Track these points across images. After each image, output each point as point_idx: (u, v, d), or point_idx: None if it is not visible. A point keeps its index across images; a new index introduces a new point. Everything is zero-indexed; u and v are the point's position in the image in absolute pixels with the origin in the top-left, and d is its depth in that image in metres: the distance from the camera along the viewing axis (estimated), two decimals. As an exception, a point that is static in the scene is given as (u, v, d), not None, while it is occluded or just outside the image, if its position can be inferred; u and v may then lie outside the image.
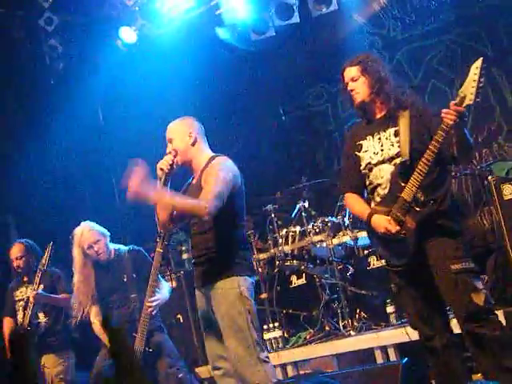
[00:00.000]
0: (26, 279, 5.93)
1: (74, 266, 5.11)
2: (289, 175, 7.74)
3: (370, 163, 3.73)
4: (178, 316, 6.33)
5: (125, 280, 5.10)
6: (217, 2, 7.25)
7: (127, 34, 7.43)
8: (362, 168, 3.77)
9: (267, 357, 3.89)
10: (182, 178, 4.20)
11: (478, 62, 3.26)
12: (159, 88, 7.56)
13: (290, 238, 6.33)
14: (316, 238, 6.14)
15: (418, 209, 3.47)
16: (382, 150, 3.69)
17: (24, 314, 5.66)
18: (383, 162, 3.68)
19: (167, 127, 4.11)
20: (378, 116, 3.75)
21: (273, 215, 6.49)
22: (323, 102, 8.14)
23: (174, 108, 7.56)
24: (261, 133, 8.39)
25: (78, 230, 5.13)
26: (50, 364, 5.77)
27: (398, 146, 3.60)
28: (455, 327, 3.74)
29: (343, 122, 8.00)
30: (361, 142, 3.80)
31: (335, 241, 6.05)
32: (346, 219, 6.10)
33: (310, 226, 6.22)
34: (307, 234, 6.19)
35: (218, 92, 8.00)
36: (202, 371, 5.99)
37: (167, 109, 7.33)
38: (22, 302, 5.84)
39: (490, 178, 5.13)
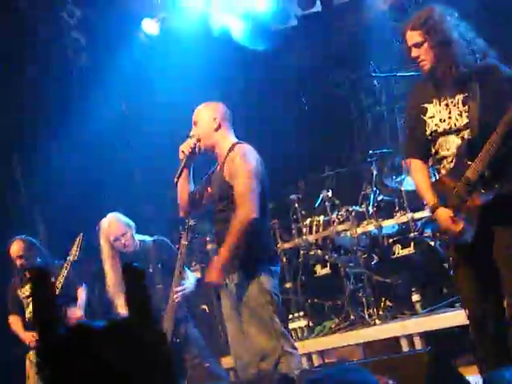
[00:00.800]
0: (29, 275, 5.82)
1: (103, 256, 5.11)
2: (312, 164, 7.73)
3: (436, 131, 3.48)
4: (204, 307, 6.37)
5: (150, 271, 5.12)
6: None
7: (150, 26, 7.46)
8: (427, 134, 3.52)
9: (294, 347, 3.89)
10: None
11: None
12: (182, 80, 7.58)
13: (313, 227, 6.33)
14: (340, 227, 6.14)
15: (482, 190, 3.29)
16: (449, 119, 3.43)
17: None
18: (450, 132, 3.43)
19: (196, 108, 4.12)
20: (447, 79, 3.44)
21: (296, 205, 6.50)
22: (346, 90, 8.11)
23: (197, 99, 7.58)
24: (282, 122, 8.37)
25: (104, 222, 5.12)
26: None
27: (467, 117, 3.36)
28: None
29: (366, 111, 7.98)
30: (426, 105, 3.52)
31: (359, 230, 6.03)
32: (369, 208, 6.08)
33: (334, 216, 6.21)
34: (331, 224, 6.18)
35: (240, 83, 8.01)
36: (227, 361, 6.03)
37: (190, 100, 7.34)
38: (31, 298, 5.77)
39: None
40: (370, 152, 6.39)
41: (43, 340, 0.97)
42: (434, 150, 3.55)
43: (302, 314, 6.00)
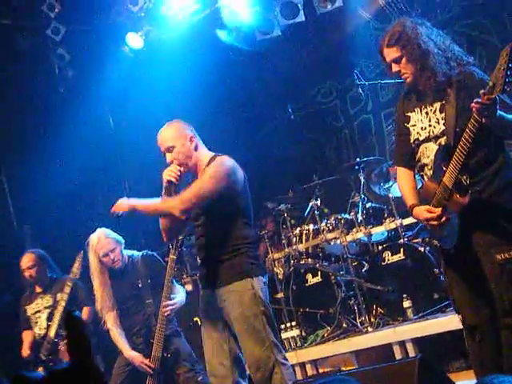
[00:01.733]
0: (39, 290, 5.82)
1: (92, 272, 5.09)
2: (300, 174, 7.75)
3: (417, 139, 3.55)
4: (195, 319, 6.35)
5: (140, 286, 5.10)
6: (221, 4, 7.27)
7: (134, 40, 7.48)
8: (411, 142, 3.59)
9: (285, 358, 3.86)
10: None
11: (507, 49, 3.01)
12: (167, 92, 7.60)
13: (303, 236, 6.36)
14: (330, 236, 6.15)
15: (458, 196, 3.30)
16: (429, 126, 3.50)
17: (48, 326, 5.59)
18: (429, 139, 3.49)
19: (161, 133, 3.94)
20: (427, 88, 3.49)
21: (286, 215, 6.52)
22: (332, 98, 8.16)
23: (183, 111, 7.61)
24: (270, 132, 8.42)
25: (93, 238, 5.10)
26: None
27: (444, 124, 3.41)
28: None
29: (352, 119, 8.03)
30: (409, 114, 3.61)
31: (349, 237, 6.06)
32: (358, 215, 6.10)
33: (324, 224, 6.23)
34: (321, 232, 6.21)
35: (226, 93, 8.04)
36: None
37: (176, 112, 7.37)
38: (39, 314, 5.74)
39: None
40: (358, 160, 6.42)
41: None
42: (417, 158, 3.61)
43: (294, 323, 6.00)
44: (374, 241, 6.02)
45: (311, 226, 6.35)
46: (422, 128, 3.55)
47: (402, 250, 5.61)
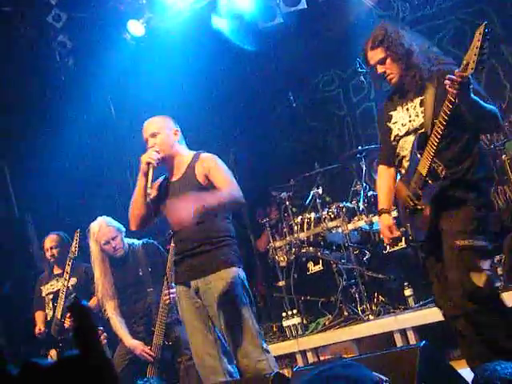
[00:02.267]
0: (57, 272, 5.87)
1: (93, 260, 5.10)
2: (302, 162, 7.74)
3: (398, 135, 3.65)
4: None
5: (140, 274, 5.11)
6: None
7: (135, 28, 7.45)
8: (391, 139, 3.70)
9: (267, 346, 3.93)
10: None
11: (481, 28, 3.08)
12: (169, 79, 7.58)
13: (305, 224, 6.34)
14: (331, 224, 6.15)
15: (431, 182, 3.39)
16: (409, 122, 3.59)
17: (55, 308, 5.63)
18: (408, 133, 3.58)
19: (148, 121, 4.04)
20: (409, 86, 3.59)
21: (287, 203, 6.51)
22: (335, 87, 8.13)
23: (184, 99, 7.60)
24: (272, 121, 8.40)
25: (94, 226, 5.11)
26: None
27: (423, 117, 3.50)
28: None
29: (355, 107, 8.00)
30: (391, 113, 3.71)
31: (350, 226, 6.05)
32: (360, 204, 6.09)
33: (325, 212, 6.22)
34: (322, 221, 6.20)
35: (228, 81, 8.01)
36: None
37: (178, 100, 7.37)
38: (51, 295, 5.79)
39: (503, 156, 5.10)
40: (359, 148, 6.41)
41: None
42: (397, 154, 3.69)
43: (295, 311, 6.01)
44: (375, 229, 6.00)
45: (313, 215, 6.34)
46: (402, 124, 3.64)
47: (403, 238, 5.60)
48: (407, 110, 3.62)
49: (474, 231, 3.37)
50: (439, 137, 3.30)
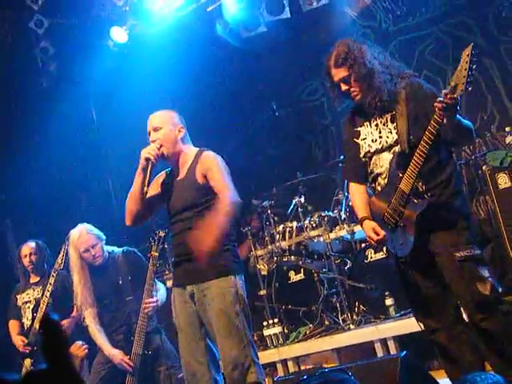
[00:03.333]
0: (33, 280, 5.82)
1: (72, 267, 5.03)
2: (284, 171, 7.74)
3: (369, 152, 3.63)
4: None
5: (120, 283, 5.06)
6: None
7: (118, 34, 7.43)
8: (361, 156, 3.67)
9: (258, 357, 3.84)
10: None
11: (468, 49, 3.13)
12: (152, 87, 7.56)
13: (287, 233, 6.34)
14: (313, 233, 6.15)
15: (415, 200, 3.38)
16: (380, 138, 3.57)
17: (33, 317, 5.57)
18: (382, 150, 3.56)
19: (153, 114, 3.95)
20: (375, 102, 3.57)
21: (269, 211, 6.50)
22: (319, 96, 8.15)
23: (167, 107, 7.57)
24: (255, 129, 8.40)
25: (74, 233, 5.05)
26: None
27: (396, 133, 3.49)
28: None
29: (339, 116, 8.01)
30: (359, 129, 3.69)
31: (332, 235, 6.05)
32: (342, 213, 6.11)
33: (307, 221, 6.22)
34: (304, 229, 6.20)
35: (211, 89, 8.01)
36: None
37: (158, 107, 7.33)
38: (28, 304, 5.73)
39: (484, 167, 5.14)
40: (342, 157, 6.41)
41: None
42: (369, 170, 3.68)
43: (276, 320, 5.98)
44: (356, 238, 6.02)
45: (294, 224, 6.34)
46: (372, 140, 3.62)
47: (384, 248, 5.61)
48: (376, 125, 3.60)
49: (468, 241, 3.40)
50: (424, 156, 3.29)
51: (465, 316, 3.54)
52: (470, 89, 3.12)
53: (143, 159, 3.80)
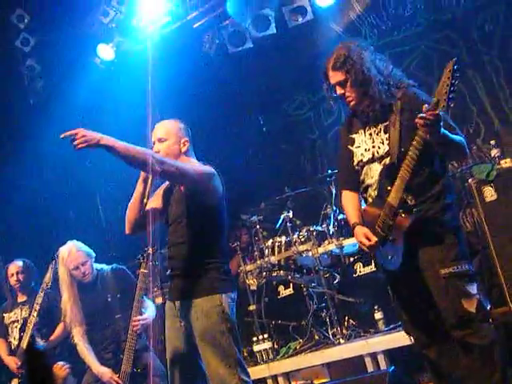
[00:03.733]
0: (21, 300, 5.80)
1: (61, 285, 5.01)
2: (272, 186, 7.75)
3: (361, 161, 3.60)
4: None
5: (109, 300, 5.04)
6: (193, 16, 7.28)
7: (105, 52, 7.45)
8: (355, 164, 3.64)
9: (248, 375, 3.78)
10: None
11: (450, 64, 3.11)
12: (139, 104, 7.55)
13: (275, 248, 6.34)
14: (302, 248, 6.15)
15: (403, 215, 3.34)
16: (373, 148, 3.54)
17: (21, 337, 5.51)
18: (373, 160, 3.54)
19: (160, 123, 3.92)
20: (371, 110, 3.54)
21: (258, 226, 6.51)
22: (306, 110, 8.19)
23: (155, 122, 7.58)
24: (243, 144, 8.41)
25: (64, 250, 5.04)
26: None
27: (388, 144, 3.46)
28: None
29: (326, 130, 8.06)
30: (353, 136, 3.66)
31: (321, 249, 6.05)
32: (330, 227, 6.12)
33: (296, 236, 6.23)
34: (293, 244, 6.20)
35: (198, 105, 8.02)
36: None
37: (145, 124, 7.33)
38: (16, 324, 5.71)
39: (470, 180, 5.16)
40: (329, 171, 6.44)
41: None
42: (361, 180, 3.64)
43: (266, 335, 5.97)
44: (345, 253, 6.03)
45: (283, 238, 6.34)
46: (365, 149, 3.59)
47: (373, 261, 5.62)
48: (370, 134, 3.57)
49: (456, 257, 3.37)
50: (410, 171, 3.26)
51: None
52: (452, 105, 3.10)
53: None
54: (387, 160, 3.46)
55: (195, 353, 3.79)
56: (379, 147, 3.52)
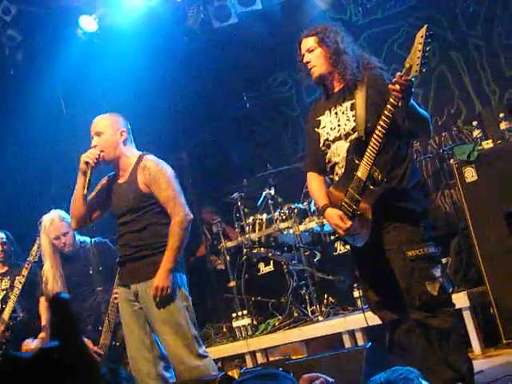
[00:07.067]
0: (1, 271, 5.75)
1: (43, 253, 5.05)
2: (254, 163, 7.75)
3: (327, 140, 3.58)
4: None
5: (90, 273, 5.07)
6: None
7: (87, 23, 7.33)
8: (321, 145, 3.63)
9: (206, 351, 3.93)
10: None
11: (422, 31, 3.09)
12: (121, 76, 7.49)
13: (256, 225, 6.36)
14: (283, 225, 6.17)
15: (372, 187, 3.33)
16: (338, 126, 3.53)
17: (2, 308, 5.51)
18: (340, 138, 3.52)
19: (96, 119, 4.07)
20: (336, 89, 3.57)
21: (239, 203, 6.51)
22: (288, 88, 8.16)
23: (136, 96, 7.53)
24: (225, 121, 8.39)
25: (46, 219, 5.06)
26: None
27: (354, 121, 3.44)
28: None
29: (308, 108, 8.05)
30: (319, 118, 3.65)
31: (302, 227, 6.09)
32: (311, 205, 6.14)
33: (277, 213, 6.25)
34: (274, 221, 6.22)
35: (181, 80, 7.97)
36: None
37: (129, 97, 7.29)
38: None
39: (451, 161, 5.19)
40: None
41: None
42: (327, 160, 3.64)
43: (245, 312, 6.01)
44: (326, 231, 6.06)
45: (264, 216, 6.36)
46: (331, 128, 3.59)
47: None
48: (336, 114, 3.58)
49: (423, 239, 3.40)
50: (380, 141, 3.26)
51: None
52: (424, 70, 3.10)
53: (83, 163, 3.91)
54: (354, 136, 3.46)
55: (153, 334, 3.89)
56: (345, 124, 3.52)
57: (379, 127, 3.26)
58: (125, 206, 3.97)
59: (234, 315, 6.04)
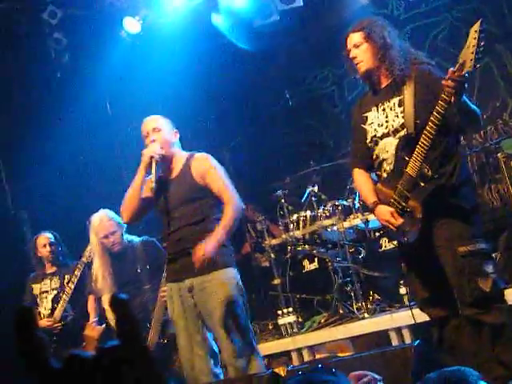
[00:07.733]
0: (50, 271, 5.86)
1: (93, 251, 5.14)
2: (297, 160, 7.75)
3: (375, 136, 3.57)
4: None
5: (138, 271, 5.12)
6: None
7: (131, 25, 7.43)
8: (368, 141, 3.61)
9: (258, 348, 3.98)
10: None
11: (477, 25, 3.04)
12: (164, 77, 7.57)
13: (300, 222, 6.35)
14: (327, 222, 6.15)
15: (423, 184, 3.31)
16: (386, 122, 3.51)
17: (54, 307, 5.62)
18: (388, 134, 3.50)
19: (150, 117, 4.12)
20: (384, 85, 3.54)
21: (283, 201, 6.51)
22: (329, 84, 8.14)
23: (179, 97, 7.60)
24: (268, 119, 8.40)
25: (95, 218, 5.12)
26: None
27: (403, 117, 3.43)
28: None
29: (350, 104, 8.00)
30: (366, 114, 3.64)
31: (346, 224, 6.05)
32: (356, 202, 6.11)
33: (321, 210, 6.23)
34: (318, 219, 6.21)
35: (224, 79, 8.01)
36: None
37: (174, 98, 7.36)
38: (45, 294, 5.78)
39: (499, 155, 5.11)
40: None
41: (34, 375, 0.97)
42: (374, 156, 3.62)
43: (291, 309, 6.01)
44: (371, 227, 6.02)
45: (308, 213, 6.35)
46: (379, 124, 3.57)
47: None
48: (383, 110, 3.55)
49: (474, 235, 3.36)
50: (431, 137, 3.23)
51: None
52: (478, 66, 3.06)
53: (147, 157, 3.91)
54: (402, 133, 3.44)
55: (206, 330, 3.91)
56: (394, 120, 3.49)
57: (431, 123, 3.23)
58: (180, 198, 3.99)
59: (279, 312, 6.05)
